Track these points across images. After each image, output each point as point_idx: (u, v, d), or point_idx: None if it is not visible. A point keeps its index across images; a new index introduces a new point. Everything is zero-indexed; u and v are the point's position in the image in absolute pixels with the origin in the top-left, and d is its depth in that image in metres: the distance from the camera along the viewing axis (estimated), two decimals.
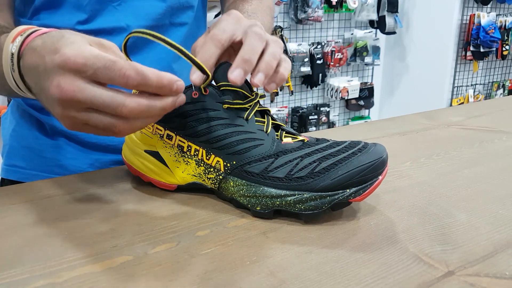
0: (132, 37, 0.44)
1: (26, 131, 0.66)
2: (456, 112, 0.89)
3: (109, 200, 0.47)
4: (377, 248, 0.37)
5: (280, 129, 0.46)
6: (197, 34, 0.71)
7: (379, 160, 0.41)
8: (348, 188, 0.40)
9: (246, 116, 0.44)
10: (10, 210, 0.45)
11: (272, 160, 0.42)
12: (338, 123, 3.52)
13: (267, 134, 0.44)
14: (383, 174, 0.41)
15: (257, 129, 0.44)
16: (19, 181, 0.66)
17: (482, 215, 0.43)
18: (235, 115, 0.44)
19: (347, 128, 0.80)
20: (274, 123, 0.46)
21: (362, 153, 0.41)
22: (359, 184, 0.40)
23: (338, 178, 0.40)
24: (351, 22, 3.32)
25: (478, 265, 0.34)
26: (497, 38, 3.14)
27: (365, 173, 0.40)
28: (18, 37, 0.40)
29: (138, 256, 0.35)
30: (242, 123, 0.44)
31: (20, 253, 0.36)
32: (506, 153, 0.62)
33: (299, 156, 0.42)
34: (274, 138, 0.44)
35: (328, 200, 0.40)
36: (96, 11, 0.59)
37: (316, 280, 0.32)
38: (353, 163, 0.40)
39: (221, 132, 0.43)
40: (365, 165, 0.40)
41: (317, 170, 0.41)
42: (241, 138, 0.43)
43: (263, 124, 0.45)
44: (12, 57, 0.39)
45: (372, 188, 0.40)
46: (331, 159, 0.41)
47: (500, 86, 3.57)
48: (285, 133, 0.45)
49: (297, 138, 0.45)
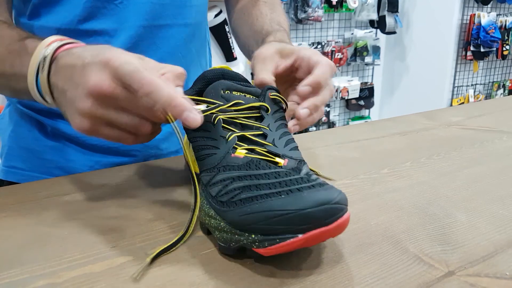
0: (134, 38, 0.44)
1: (26, 132, 0.66)
2: (456, 112, 0.89)
3: (109, 200, 0.47)
4: (377, 248, 0.37)
5: (250, 142, 0.39)
6: (199, 34, 0.71)
7: (299, 213, 0.30)
8: (254, 233, 0.32)
9: (212, 119, 0.40)
10: (9, 210, 0.45)
11: (215, 173, 0.37)
12: (338, 123, 3.52)
13: (225, 143, 0.38)
14: (308, 235, 0.30)
15: (219, 136, 0.39)
16: (18, 183, 0.66)
17: (482, 215, 0.43)
18: (207, 119, 0.40)
19: (347, 128, 0.80)
20: (252, 134, 0.40)
21: (291, 195, 0.31)
22: (265, 233, 0.31)
23: (244, 216, 0.32)
24: (351, 22, 3.32)
25: (478, 265, 0.34)
26: (497, 38, 3.14)
27: (273, 222, 0.31)
28: (55, 43, 0.43)
29: (138, 256, 0.35)
30: (209, 128, 0.40)
31: (20, 253, 0.36)
32: (506, 153, 0.62)
33: (231, 177, 0.36)
34: (230, 149, 0.38)
35: (235, 239, 0.33)
36: (97, 9, 0.59)
37: (316, 280, 0.32)
38: (266, 204, 0.31)
39: (191, 134, 0.41)
40: (277, 211, 0.31)
41: (235, 199, 0.34)
42: (202, 144, 0.40)
43: (229, 131, 0.39)
44: (44, 60, 0.42)
45: (282, 245, 0.31)
46: (254, 192, 0.33)
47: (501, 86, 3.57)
48: (254, 147, 0.38)
49: (265, 157, 0.37)
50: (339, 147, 0.66)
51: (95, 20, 0.59)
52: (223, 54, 2.73)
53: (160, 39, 0.63)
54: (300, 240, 0.30)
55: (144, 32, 0.62)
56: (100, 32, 0.60)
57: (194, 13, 0.68)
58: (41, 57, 0.42)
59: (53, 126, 0.64)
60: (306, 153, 0.63)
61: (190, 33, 0.68)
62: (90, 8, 0.59)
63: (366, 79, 3.57)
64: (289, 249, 0.31)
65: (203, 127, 0.39)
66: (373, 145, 0.67)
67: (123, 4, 0.60)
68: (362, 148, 0.65)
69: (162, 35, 0.64)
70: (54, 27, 0.59)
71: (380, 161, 0.59)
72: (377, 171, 0.55)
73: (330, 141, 0.69)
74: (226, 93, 0.41)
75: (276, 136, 0.40)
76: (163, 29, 0.63)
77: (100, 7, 0.59)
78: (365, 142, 0.68)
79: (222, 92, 0.41)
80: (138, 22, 0.61)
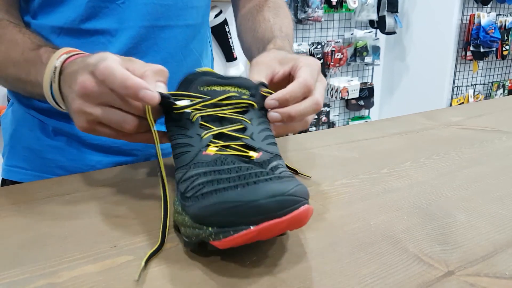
0: (135, 38, 0.45)
1: (27, 131, 0.66)
2: (456, 112, 0.89)
3: (109, 200, 0.47)
4: (377, 248, 0.37)
5: (228, 138, 0.39)
6: (200, 36, 0.71)
7: (251, 204, 0.30)
8: (211, 226, 0.32)
9: (191, 117, 0.40)
10: (10, 210, 0.45)
11: (186, 171, 0.37)
12: (338, 123, 3.52)
13: (200, 141, 0.38)
14: (261, 227, 0.30)
15: (196, 134, 0.39)
16: (19, 182, 0.66)
17: (482, 215, 0.43)
18: (186, 117, 0.40)
19: (347, 128, 0.80)
20: (232, 129, 0.40)
21: (246, 187, 0.31)
22: (220, 225, 0.31)
23: (201, 209, 0.32)
24: (351, 22, 3.32)
25: (478, 265, 0.34)
26: (497, 38, 3.14)
27: (227, 214, 0.30)
28: (64, 55, 0.47)
29: (138, 256, 0.35)
30: (187, 126, 0.40)
31: (20, 253, 0.36)
32: (506, 153, 0.62)
33: (198, 173, 0.35)
34: (203, 147, 0.38)
35: (196, 233, 0.33)
36: (99, 8, 0.59)
37: (316, 280, 0.32)
38: (222, 197, 0.31)
39: (170, 132, 0.42)
40: (231, 203, 0.30)
41: (198, 194, 0.33)
42: (179, 142, 0.40)
43: (206, 129, 0.39)
44: (54, 70, 0.46)
45: (235, 237, 0.30)
46: (215, 185, 0.33)
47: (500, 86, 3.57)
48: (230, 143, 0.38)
49: (238, 151, 0.38)
50: (339, 147, 0.66)
51: (97, 19, 0.60)
52: (223, 54, 2.73)
53: (162, 40, 0.64)
54: (253, 232, 0.30)
55: (145, 33, 0.62)
56: (101, 31, 0.60)
57: (195, 14, 0.68)
58: (52, 69, 0.46)
59: (54, 126, 0.64)
60: (306, 153, 0.63)
61: (191, 34, 0.68)
62: (92, 8, 0.59)
63: (366, 79, 3.57)
64: (243, 241, 0.31)
65: (181, 124, 0.40)
66: (373, 145, 0.67)
67: (125, 4, 0.60)
68: (361, 148, 0.65)
69: (164, 36, 0.64)
70: (57, 26, 0.59)
71: (379, 161, 0.59)
72: (377, 171, 0.55)
73: (330, 141, 0.69)
74: (206, 89, 0.42)
75: (256, 130, 0.40)
76: (165, 30, 0.64)
77: (102, 6, 0.59)
78: (365, 142, 0.69)
79: (201, 88, 0.41)
80: (139, 22, 0.61)
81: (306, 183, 0.51)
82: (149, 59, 0.63)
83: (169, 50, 0.65)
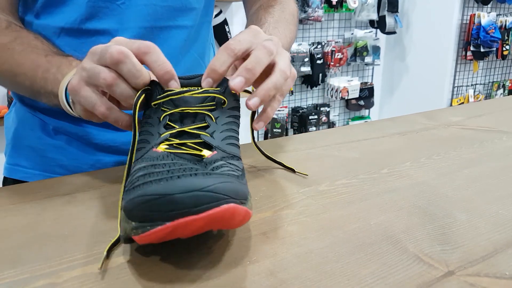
0: (135, 38, 0.45)
1: (29, 131, 0.67)
2: (456, 112, 0.89)
3: (109, 200, 0.47)
4: (377, 248, 0.37)
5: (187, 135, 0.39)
6: (201, 37, 0.71)
7: (166, 198, 0.28)
8: (134, 220, 0.30)
9: (161, 116, 0.41)
10: (10, 210, 0.45)
11: (135, 164, 0.36)
12: (338, 123, 3.52)
13: (157, 139, 0.38)
14: (175, 223, 0.28)
15: (157, 132, 0.39)
16: (21, 180, 0.67)
17: (482, 215, 0.43)
18: (156, 115, 0.41)
19: (347, 128, 0.80)
20: (194, 127, 0.40)
21: (169, 181, 0.30)
22: (141, 219, 0.30)
23: (128, 201, 0.31)
24: (351, 22, 3.32)
25: (478, 265, 0.34)
26: (497, 38, 3.14)
27: (145, 208, 0.29)
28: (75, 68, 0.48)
29: (138, 256, 0.35)
30: (153, 123, 0.40)
31: (20, 253, 0.36)
32: (506, 153, 0.62)
33: (138, 168, 0.34)
34: (155, 145, 0.38)
35: (125, 227, 0.32)
36: (99, 8, 0.60)
37: (316, 280, 0.32)
38: (145, 189, 0.30)
39: (141, 128, 0.42)
40: (148, 196, 0.29)
41: (131, 187, 0.32)
42: (141, 137, 0.40)
43: (169, 128, 0.39)
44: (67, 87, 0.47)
45: (151, 233, 0.29)
46: (148, 177, 0.32)
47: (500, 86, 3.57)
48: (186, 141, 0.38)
49: (190, 149, 0.38)
50: (339, 147, 0.66)
51: (97, 20, 0.60)
52: None
53: (162, 40, 0.64)
54: (168, 228, 0.28)
55: (145, 33, 0.62)
56: (102, 32, 0.60)
57: (195, 16, 0.68)
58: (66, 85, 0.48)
59: (54, 125, 0.65)
60: (306, 153, 0.63)
61: (191, 36, 0.68)
62: (92, 8, 0.59)
63: (366, 79, 3.57)
64: (160, 237, 0.30)
65: (150, 121, 0.41)
66: (373, 145, 0.67)
67: (125, 5, 0.60)
68: (362, 148, 0.65)
69: (164, 37, 0.64)
70: (58, 26, 0.60)
71: (380, 161, 0.59)
72: (377, 171, 0.55)
73: (330, 141, 0.69)
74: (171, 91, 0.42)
75: (218, 129, 0.40)
76: (164, 30, 0.64)
77: (103, 6, 0.59)
78: (365, 142, 0.69)
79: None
80: (139, 23, 0.61)
81: (306, 183, 0.51)
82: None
83: (168, 51, 0.65)
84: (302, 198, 0.47)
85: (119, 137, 0.65)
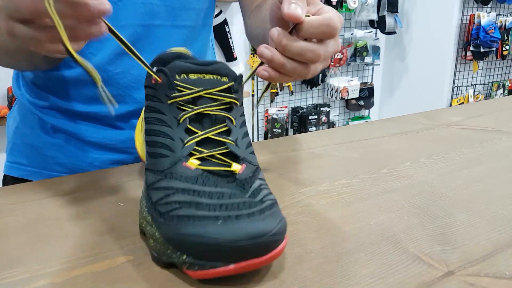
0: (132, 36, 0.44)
1: (28, 129, 0.68)
2: (455, 112, 0.89)
3: (109, 200, 0.47)
4: (377, 247, 0.37)
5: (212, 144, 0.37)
6: (201, 37, 0.71)
7: (232, 245, 0.29)
8: (186, 255, 0.31)
9: (180, 117, 0.37)
10: (10, 210, 0.45)
11: (161, 178, 0.35)
12: (338, 123, 3.52)
13: (181, 148, 0.36)
14: (239, 266, 0.30)
15: (178, 138, 0.36)
16: (20, 178, 0.68)
17: (482, 215, 0.43)
18: (172, 114, 0.37)
19: (347, 128, 0.80)
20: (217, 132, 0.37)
21: (227, 222, 0.30)
22: (196, 256, 0.30)
23: (178, 236, 0.31)
24: (351, 22, 3.32)
25: (478, 265, 0.34)
26: (497, 38, 3.14)
27: (205, 248, 0.30)
28: None
29: (138, 256, 0.35)
30: (171, 124, 0.37)
31: (20, 253, 0.36)
32: (506, 153, 0.62)
33: (175, 188, 0.33)
34: (183, 157, 0.35)
35: (168, 254, 0.32)
36: None
37: (316, 280, 0.32)
38: (201, 229, 0.30)
39: (149, 126, 0.38)
40: (210, 238, 0.29)
41: (173, 214, 0.32)
42: (156, 140, 0.37)
43: (191, 134, 0.36)
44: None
45: (211, 272, 0.30)
46: (193, 209, 0.31)
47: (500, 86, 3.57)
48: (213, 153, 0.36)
49: (221, 166, 0.36)
50: (339, 147, 0.66)
51: None
52: (223, 54, 2.73)
53: (159, 39, 0.64)
54: (231, 270, 0.30)
55: (142, 31, 0.62)
56: None
57: (194, 16, 0.68)
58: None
59: (53, 123, 0.65)
60: (306, 153, 0.63)
61: (190, 36, 0.68)
62: None
63: (366, 79, 3.57)
64: (219, 276, 0.30)
65: (165, 119, 0.37)
66: (373, 145, 0.67)
67: (122, 3, 0.60)
68: (361, 148, 0.65)
69: (161, 35, 0.64)
70: None
71: (379, 161, 0.59)
72: (377, 171, 0.55)
73: (330, 141, 0.69)
74: (182, 77, 0.37)
75: (240, 135, 0.38)
76: (161, 29, 0.64)
77: None
78: (365, 142, 0.69)
79: (178, 76, 0.37)
80: (135, 21, 0.61)
81: (306, 183, 0.51)
82: (145, 57, 0.63)
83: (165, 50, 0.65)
84: (302, 198, 0.47)
85: (116, 135, 0.65)
